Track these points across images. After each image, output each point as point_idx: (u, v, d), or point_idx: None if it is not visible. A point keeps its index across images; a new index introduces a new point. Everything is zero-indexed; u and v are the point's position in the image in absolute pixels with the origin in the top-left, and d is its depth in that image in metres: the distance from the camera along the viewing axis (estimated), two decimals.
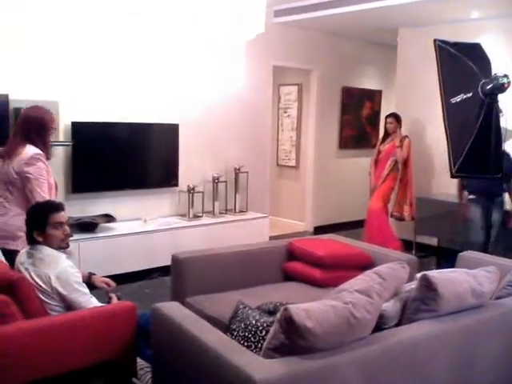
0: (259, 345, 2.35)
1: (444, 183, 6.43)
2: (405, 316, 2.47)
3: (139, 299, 4.09)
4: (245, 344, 2.39)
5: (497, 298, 2.80)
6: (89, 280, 3.15)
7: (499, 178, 4.79)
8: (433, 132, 6.58)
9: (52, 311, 2.76)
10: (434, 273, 2.55)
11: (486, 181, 5.01)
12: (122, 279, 4.64)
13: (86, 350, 2.66)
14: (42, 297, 2.73)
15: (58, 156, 5.24)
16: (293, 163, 8.34)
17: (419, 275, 2.51)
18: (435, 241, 6.68)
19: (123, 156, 5.81)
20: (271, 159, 7.75)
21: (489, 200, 5.25)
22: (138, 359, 2.90)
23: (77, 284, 2.80)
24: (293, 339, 2.04)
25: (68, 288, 2.75)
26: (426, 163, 6.78)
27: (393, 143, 6.40)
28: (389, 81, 8.55)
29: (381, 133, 7.18)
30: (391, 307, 2.42)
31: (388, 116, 6.55)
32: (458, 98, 5.00)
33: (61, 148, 5.27)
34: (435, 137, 6.47)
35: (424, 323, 2.41)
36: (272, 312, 2.68)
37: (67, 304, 2.78)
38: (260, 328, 2.44)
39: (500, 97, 4.74)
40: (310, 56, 7.65)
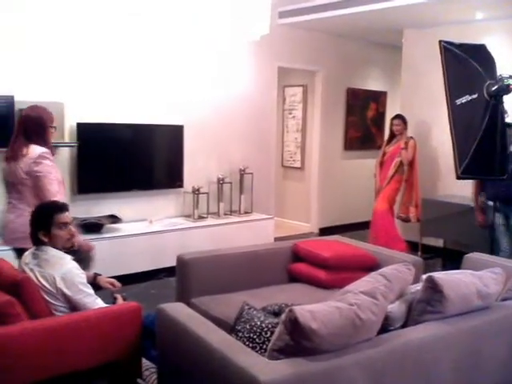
0: (264, 346, 2.35)
1: (450, 185, 6.41)
2: (410, 318, 2.46)
3: (145, 300, 4.09)
4: (250, 345, 2.39)
5: (503, 300, 2.79)
6: (94, 281, 3.16)
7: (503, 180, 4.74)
8: (438, 133, 6.56)
9: (57, 312, 2.76)
10: (440, 274, 2.54)
11: (505, 186, 4.85)
12: (128, 280, 4.64)
13: (91, 351, 2.67)
14: (47, 297, 2.74)
15: (64, 157, 5.26)
16: (298, 164, 8.33)
17: (425, 277, 2.50)
18: (441, 242, 6.66)
19: (128, 157, 5.82)
20: (276, 160, 7.75)
21: (507, 206, 5.01)
22: (143, 360, 2.90)
23: (82, 285, 2.81)
24: (298, 340, 2.03)
25: (73, 289, 2.76)
26: (432, 164, 6.76)
27: (398, 144, 6.38)
28: (394, 82, 8.53)
29: (386, 134, 7.17)
30: (397, 309, 2.41)
31: (394, 118, 6.52)
32: (464, 100, 4.99)
33: (66, 149, 5.29)
34: (440, 138, 6.45)
35: (430, 325, 2.40)
36: (277, 313, 2.68)
37: (72, 305, 2.78)
38: (265, 329, 2.44)
39: (505, 98, 4.72)
40: (315, 57, 7.65)
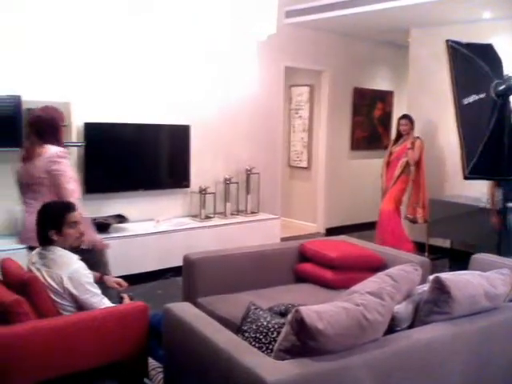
0: (270, 346, 2.35)
1: (457, 185, 6.39)
2: (417, 318, 2.45)
3: (151, 299, 4.11)
4: (256, 345, 2.39)
5: (511, 301, 2.77)
6: (101, 280, 3.17)
7: None
8: (445, 133, 6.54)
9: (64, 311, 2.77)
10: (447, 275, 2.53)
11: None
12: (135, 279, 4.65)
13: (98, 350, 2.67)
14: (54, 297, 2.75)
15: (71, 156, 5.25)
16: (304, 164, 8.33)
17: (432, 277, 2.49)
18: (448, 243, 6.64)
19: (135, 157, 5.84)
20: (283, 160, 7.75)
21: None
22: (150, 359, 2.91)
23: (89, 285, 2.81)
24: (304, 341, 2.03)
25: (80, 289, 2.77)
26: (439, 165, 6.74)
27: (405, 145, 6.36)
28: (401, 82, 8.51)
29: (393, 134, 7.15)
30: (403, 309, 2.40)
31: (401, 118, 6.50)
32: (471, 99, 4.98)
33: (73, 149, 5.30)
34: (448, 138, 6.43)
35: (437, 326, 2.39)
36: (283, 313, 2.68)
37: (79, 304, 2.79)
38: (271, 329, 2.43)
39: None
40: (322, 57, 7.64)
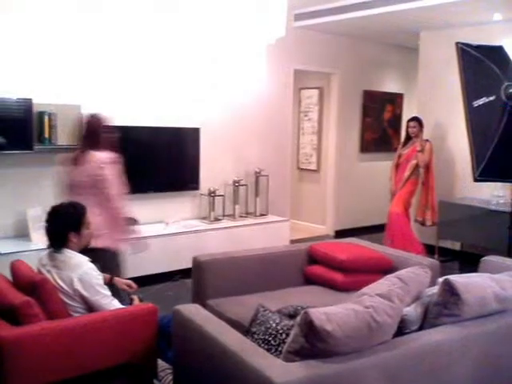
0: (279, 348, 2.35)
1: (467, 187, 6.37)
2: (426, 321, 2.45)
3: (161, 301, 4.10)
4: (265, 347, 2.39)
5: None
6: (111, 282, 3.19)
7: None
8: (455, 135, 6.51)
9: (74, 313, 2.79)
10: (457, 277, 2.53)
11: None
12: (144, 281, 4.67)
13: (108, 351, 2.69)
14: (65, 298, 2.77)
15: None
16: (314, 167, 8.32)
17: (441, 279, 2.49)
18: (458, 245, 6.61)
19: (145, 159, 5.85)
20: (292, 163, 7.74)
21: None
22: (159, 361, 2.92)
23: (99, 286, 2.83)
24: (313, 343, 2.03)
25: (90, 290, 2.78)
26: (449, 167, 6.71)
27: (414, 147, 6.35)
28: (410, 84, 8.49)
29: (402, 136, 7.14)
30: (413, 311, 2.40)
31: (410, 120, 6.49)
32: (481, 101, 4.97)
33: None
34: (457, 140, 6.41)
35: (446, 328, 2.39)
36: (292, 315, 2.68)
37: (89, 306, 2.81)
38: (280, 331, 2.44)
39: None
40: (331, 59, 7.64)
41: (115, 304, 2.86)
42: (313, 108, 8.27)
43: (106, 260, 3.61)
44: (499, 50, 5.12)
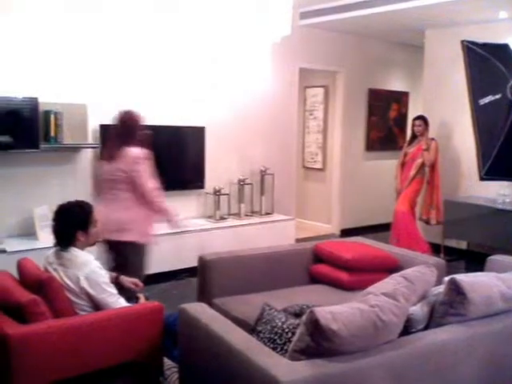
0: (285, 347, 2.35)
1: (473, 186, 6.35)
2: (432, 320, 2.44)
3: (167, 300, 4.12)
4: (271, 346, 2.39)
5: None
6: (117, 280, 3.20)
7: None
8: (460, 134, 6.50)
9: (80, 311, 2.80)
10: (463, 276, 2.52)
11: None
12: (150, 280, 4.67)
13: (114, 350, 2.70)
14: (71, 297, 2.78)
15: (87, 158, 5.31)
16: (319, 165, 8.31)
17: (447, 279, 2.48)
18: (464, 244, 6.60)
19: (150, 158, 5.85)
20: (297, 161, 7.74)
21: None
22: (165, 359, 2.92)
23: (105, 285, 2.84)
24: (318, 342, 2.03)
25: (97, 288, 2.79)
26: (454, 165, 6.69)
27: (419, 145, 6.33)
28: (416, 82, 8.47)
29: (408, 135, 7.13)
30: (419, 311, 2.39)
31: (416, 118, 6.47)
32: (487, 100, 4.96)
33: (89, 150, 5.34)
34: (463, 138, 6.40)
35: (452, 327, 2.38)
36: (298, 314, 2.68)
37: (95, 304, 2.82)
38: (286, 330, 2.44)
39: None
40: (336, 58, 7.63)
41: (121, 302, 2.87)
42: (318, 106, 8.26)
43: (131, 253, 3.76)
44: (505, 48, 5.10)
